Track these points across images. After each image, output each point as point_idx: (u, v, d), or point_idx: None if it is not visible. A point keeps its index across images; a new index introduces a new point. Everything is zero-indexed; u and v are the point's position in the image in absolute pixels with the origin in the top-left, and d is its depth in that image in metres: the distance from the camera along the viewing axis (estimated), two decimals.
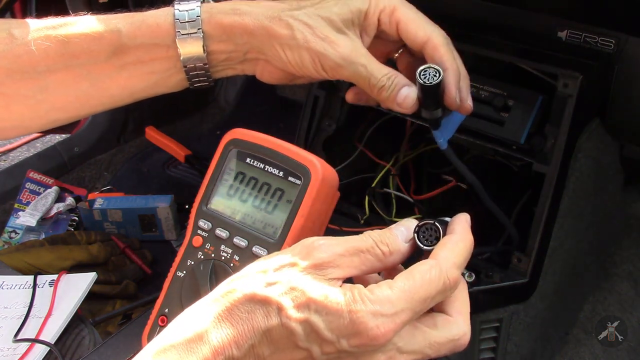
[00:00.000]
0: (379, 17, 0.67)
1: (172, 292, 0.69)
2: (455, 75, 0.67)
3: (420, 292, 0.50)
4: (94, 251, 1.26)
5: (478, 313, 0.91)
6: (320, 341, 0.49)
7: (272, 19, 0.66)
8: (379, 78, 0.66)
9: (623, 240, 1.26)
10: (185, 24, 0.67)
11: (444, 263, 0.52)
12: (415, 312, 0.50)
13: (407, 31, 0.68)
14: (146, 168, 1.66)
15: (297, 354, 0.49)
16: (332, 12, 0.67)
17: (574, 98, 0.84)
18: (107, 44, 0.67)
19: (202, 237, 0.68)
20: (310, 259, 0.51)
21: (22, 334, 0.92)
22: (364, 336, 0.48)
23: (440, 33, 0.68)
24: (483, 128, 0.93)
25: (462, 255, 0.54)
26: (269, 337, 0.49)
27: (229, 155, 0.69)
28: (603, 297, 1.22)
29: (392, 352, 0.51)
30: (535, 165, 0.89)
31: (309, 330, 0.48)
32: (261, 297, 0.49)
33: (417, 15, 0.68)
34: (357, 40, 0.67)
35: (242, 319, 0.49)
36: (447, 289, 0.52)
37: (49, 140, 1.62)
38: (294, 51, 0.66)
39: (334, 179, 0.66)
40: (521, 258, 0.90)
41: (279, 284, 0.50)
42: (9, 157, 1.62)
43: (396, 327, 0.49)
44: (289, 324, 0.48)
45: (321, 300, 0.49)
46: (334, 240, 0.52)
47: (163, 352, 0.48)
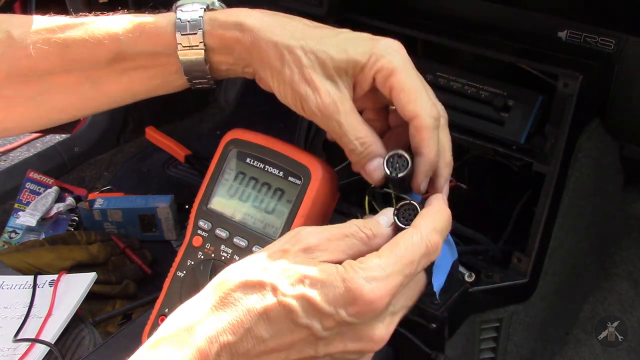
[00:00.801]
0: (374, 75, 0.62)
1: (172, 292, 0.69)
2: (427, 164, 0.62)
3: (406, 255, 0.52)
4: (94, 251, 1.26)
5: (478, 313, 0.91)
6: (319, 316, 0.49)
7: (268, 45, 0.63)
8: (351, 140, 0.62)
9: (623, 240, 1.26)
10: (187, 37, 0.65)
11: (424, 229, 0.55)
12: (405, 275, 0.52)
13: (398, 101, 0.61)
14: (146, 168, 1.66)
15: (298, 334, 0.49)
16: (328, 54, 0.62)
17: (574, 98, 0.84)
18: (107, 51, 0.66)
19: (202, 237, 0.68)
20: (299, 244, 0.53)
21: (22, 334, 0.92)
22: (360, 302, 0.49)
23: (429, 113, 0.61)
24: (483, 128, 0.93)
25: (440, 222, 0.56)
26: (267, 318, 0.49)
27: (229, 155, 0.69)
28: (603, 297, 1.23)
29: (388, 319, 0.52)
30: (535, 165, 0.89)
31: (306, 305, 0.49)
32: (254, 282, 0.50)
33: (413, 87, 0.61)
34: (345, 92, 0.62)
35: (237, 304, 0.49)
36: (430, 252, 0.54)
37: (49, 140, 1.63)
38: (280, 84, 0.63)
39: (334, 179, 0.66)
40: (521, 258, 0.90)
41: (271, 268, 0.51)
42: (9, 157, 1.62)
43: (391, 290, 0.50)
44: (286, 300, 0.49)
45: (315, 275, 0.50)
46: (320, 227, 0.55)
47: (157, 345, 0.49)
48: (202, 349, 0.48)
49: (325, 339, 0.50)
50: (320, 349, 0.51)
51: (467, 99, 0.95)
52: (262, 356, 0.49)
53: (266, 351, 0.49)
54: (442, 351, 0.84)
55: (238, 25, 0.64)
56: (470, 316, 0.90)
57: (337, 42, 0.62)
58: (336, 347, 0.51)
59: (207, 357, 0.48)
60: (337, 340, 0.51)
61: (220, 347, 0.48)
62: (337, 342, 0.51)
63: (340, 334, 0.51)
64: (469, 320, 0.90)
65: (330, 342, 0.51)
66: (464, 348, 0.92)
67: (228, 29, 0.65)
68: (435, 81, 0.97)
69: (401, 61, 0.61)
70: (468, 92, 0.95)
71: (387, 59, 0.61)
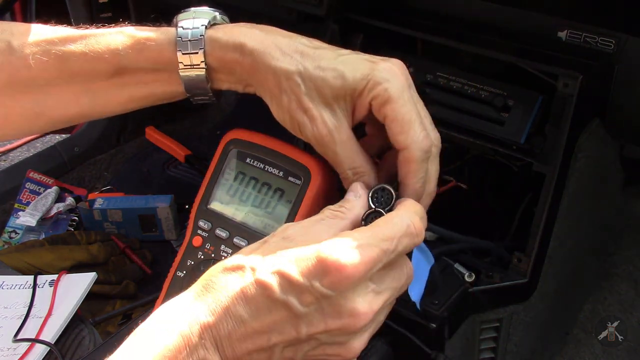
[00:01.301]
0: (370, 101, 0.61)
1: (172, 292, 0.69)
2: (411, 194, 0.61)
3: (385, 231, 0.53)
4: (94, 251, 1.26)
5: (478, 313, 0.91)
6: (295, 290, 0.50)
7: (268, 70, 0.62)
8: (344, 169, 0.62)
9: (623, 240, 1.26)
10: (188, 55, 0.64)
11: (403, 211, 0.56)
12: (382, 249, 0.52)
13: (390, 130, 0.61)
14: (146, 168, 1.66)
15: (277, 313, 0.50)
16: (326, 81, 0.61)
17: (574, 98, 0.84)
18: (107, 65, 0.66)
19: (202, 237, 0.68)
20: (279, 235, 0.54)
21: (22, 334, 0.92)
22: (332, 270, 0.50)
23: (419, 146, 0.60)
24: (483, 128, 0.93)
25: (418, 208, 0.57)
26: (244, 297, 0.50)
27: (229, 155, 0.69)
28: (603, 297, 1.23)
29: (371, 295, 0.52)
30: (535, 165, 0.89)
31: (281, 280, 0.50)
32: (234, 266, 0.52)
33: (406, 117, 0.60)
34: (342, 119, 0.62)
35: (216, 287, 0.51)
36: (412, 232, 0.54)
37: (49, 140, 1.63)
38: (278, 110, 0.63)
39: (334, 179, 0.66)
40: (521, 258, 0.90)
41: (252, 255, 0.52)
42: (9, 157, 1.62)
43: (365, 260, 0.51)
44: (261, 278, 0.50)
45: (291, 254, 0.51)
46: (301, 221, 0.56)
47: (141, 332, 0.50)
48: (184, 333, 0.49)
49: (304, 316, 0.50)
50: (302, 329, 0.51)
51: (467, 99, 0.95)
52: (245, 339, 0.50)
53: (248, 333, 0.50)
54: (442, 351, 0.84)
55: (238, 47, 0.64)
56: (470, 316, 0.90)
57: (335, 66, 0.61)
58: (317, 327, 0.51)
59: (190, 340, 0.49)
60: (318, 317, 0.51)
61: (201, 329, 0.49)
62: (317, 321, 0.51)
63: (320, 310, 0.51)
64: (469, 320, 0.90)
65: (311, 321, 0.51)
66: (464, 348, 0.92)
67: (228, 51, 0.64)
68: (435, 81, 0.97)
69: (397, 89, 0.60)
70: (468, 92, 0.95)
71: (383, 87, 0.60)
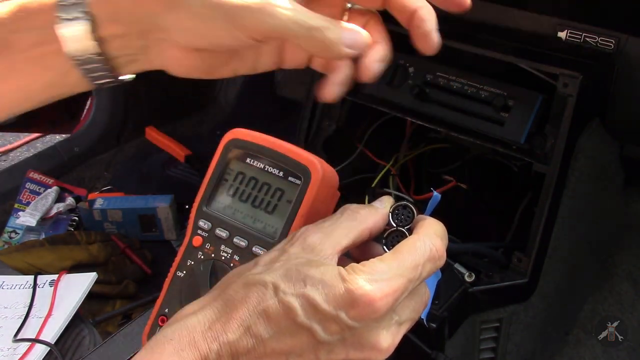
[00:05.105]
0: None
1: (172, 292, 0.69)
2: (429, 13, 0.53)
3: (410, 259, 0.52)
4: (94, 251, 1.26)
5: (478, 313, 0.91)
6: (320, 317, 0.48)
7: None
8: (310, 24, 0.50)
9: (623, 240, 1.25)
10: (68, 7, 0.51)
11: (425, 234, 0.55)
12: (408, 279, 0.51)
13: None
14: (146, 168, 1.66)
15: (299, 337, 0.49)
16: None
17: (574, 98, 0.84)
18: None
19: (202, 237, 0.68)
20: (300, 244, 0.53)
21: (22, 334, 0.92)
22: (361, 303, 0.48)
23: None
24: (483, 128, 0.93)
25: (439, 227, 0.56)
26: (266, 317, 0.49)
27: (229, 155, 0.69)
28: (603, 297, 1.22)
29: (394, 328, 0.52)
30: (535, 165, 0.89)
31: (306, 305, 0.48)
32: (256, 280, 0.50)
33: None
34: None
35: (237, 304, 0.49)
36: (434, 257, 0.53)
37: (49, 140, 1.63)
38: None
39: (334, 179, 0.66)
40: (521, 258, 0.90)
41: (274, 268, 0.51)
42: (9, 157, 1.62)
43: (393, 293, 0.50)
44: (285, 299, 0.48)
45: (317, 275, 0.49)
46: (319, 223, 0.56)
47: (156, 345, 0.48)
48: (202, 349, 0.48)
49: (327, 344, 0.49)
50: (321, 355, 0.50)
51: (467, 99, 0.95)
52: (263, 358, 0.49)
53: (267, 353, 0.49)
54: (442, 351, 0.84)
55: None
56: (470, 316, 0.90)
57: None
58: (337, 355, 0.50)
59: (207, 356, 0.48)
60: (339, 347, 0.50)
61: (220, 346, 0.48)
62: (339, 349, 0.50)
63: (342, 340, 0.50)
64: (469, 320, 0.90)
65: (332, 349, 0.50)
66: (464, 348, 0.92)
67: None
68: (435, 81, 0.97)
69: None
70: (468, 92, 0.95)
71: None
